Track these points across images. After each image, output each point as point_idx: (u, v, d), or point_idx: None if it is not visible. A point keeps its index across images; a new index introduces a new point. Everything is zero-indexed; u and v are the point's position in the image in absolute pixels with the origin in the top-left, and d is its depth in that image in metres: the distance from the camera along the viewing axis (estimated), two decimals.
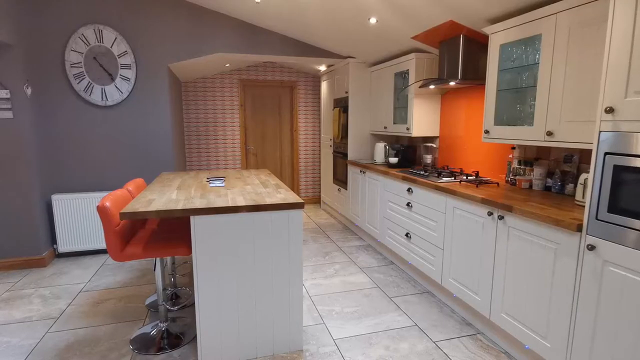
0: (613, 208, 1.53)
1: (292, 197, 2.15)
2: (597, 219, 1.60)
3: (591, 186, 1.62)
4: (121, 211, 1.78)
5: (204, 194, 2.26)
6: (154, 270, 2.19)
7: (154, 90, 3.76)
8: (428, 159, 3.72)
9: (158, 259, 2.19)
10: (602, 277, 1.58)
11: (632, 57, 1.45)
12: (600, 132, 1.59)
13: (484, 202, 2.22)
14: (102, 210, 1.88)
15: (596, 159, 1.60)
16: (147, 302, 2.73)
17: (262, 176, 3.02)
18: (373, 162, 4.17)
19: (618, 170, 1.52)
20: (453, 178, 2.87)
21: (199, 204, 1.97)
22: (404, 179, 3.14)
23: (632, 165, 1.46)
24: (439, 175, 2.97)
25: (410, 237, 3.11)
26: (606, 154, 1.56)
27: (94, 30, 3.49)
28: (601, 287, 1.58)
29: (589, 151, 2.22)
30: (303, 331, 2.40)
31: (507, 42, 2.38)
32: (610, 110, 1.53)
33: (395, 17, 2.94)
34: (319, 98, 5.84)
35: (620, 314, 1.51)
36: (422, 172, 3.15)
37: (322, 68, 5.19)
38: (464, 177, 2.91)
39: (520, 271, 2.01)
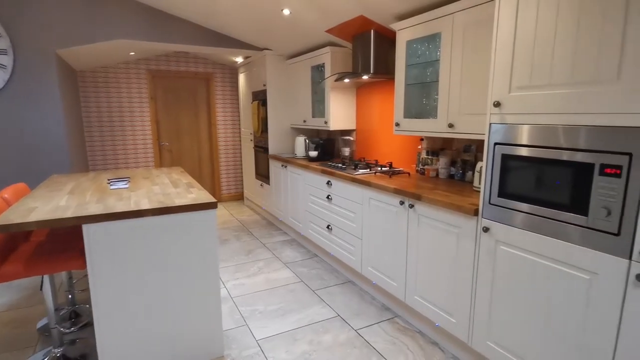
0: (502, 193, 1.70)
1: (205, 197, 2.02)
2: (490, 203, 1.76)
3: (484, 173, 1.78)
4: None
5: (102, 197, 2.01)
6: (41, 289, 1.89)
7: (40, 80, 3.25)
8: (346, 151, 3.80)
9: (46, 276, 1.89)
10: (496, 256, 1.74)
11: (515, 56, 1.61)
12: (490, 124, 1.74)
13: (396, 192, 2.32)
14: None
15: (487, 149, 1.75)
16: (38, 326, 2.37)
17: (173, 175, 2.81)
18: (294, 156, 4.15)
19: (505, 158, 1.68)
20: (369, 170, 2.97)
21: (94, 209, 1.74)
22: (323, 172, 3.17)
23: (516, 153, 1.63)
24: (356, 167, 3.05)
25: (331, 229, 3.16)
26: (496, 144, 1.72)
27: None
28: (495, 265, 1.75)
29: (484, 141, 2.44)
30: (224, 336, 2.29)
31: (413, 39, 2.50)
32: (497, 104, 1.68)
33: (309, 9, 2.92)
34: (237, 91, 5.63)
35: (511, 287, 1.69)
36: (340, 165, 3.20)
37: (239, 60, 5.00)
38: (379, 169, 3.03)
39: (429, 255, 2.15)
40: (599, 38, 1.31)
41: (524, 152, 1.60)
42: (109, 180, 2.57)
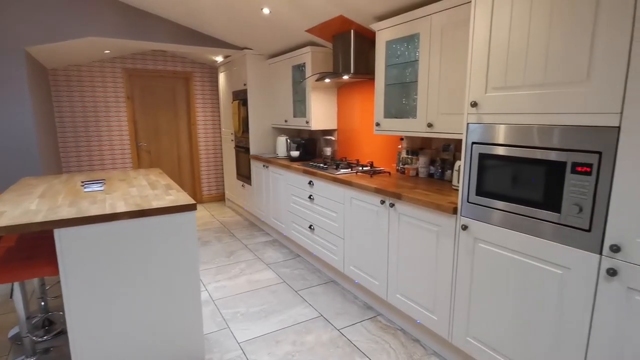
0: (480, 191, 1.73)
1: (183, 199, 1.98)
2: (468, 201, 1.79)
3: (463, 172, 1.81)
4: None
5: (75, 201, 1.95)
6: (11, 297, 1.82)
7: (8, 79, 3.12)
8: (328, 151, 3.81)
9: (16, 284, 1.82)
10: (474, 253, 1.78)
11: (490, 57, 1.64)
12: (468, 123, 1.77)
13: (377, 191, 2.34)
14: None
15: (465, 148, 1.79)
16: (10, 335, 2.28)
17: (151, 176, 2.74)
18: (275, 156, 4.12)
19: (483, 157, 1.71)
20: (350, 169, 2.98)
21: (66, 213, 1.68)
22: (305, 172, 3.16)
23: (493, 153, 1.66)
24: (337, 167, 3.05)
25: (313, 229, 3.16)
26: (473, 143, 1.75)
27: None
28: (474, 262, 1.79)
29: (462, 141, 2.49)
30: (205, 339, 2.25)
31: (392, 39, 2.52)
32: (474, 104, 1.72)
33: (289, 8, 2.90)
34: (218, 90, 5.55)
35: (489, 283, 1.73)
36: (321, 165, 3.20)
37: (219, 59, 4.93)
38: (360, 168, 3.04)
39: (410, 254, 2.17)
40: (569, 41, 1.35)
41: (500, 151, 1.63)
42: (82, 182, 2.48)
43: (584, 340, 1.40)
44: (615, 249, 1.27)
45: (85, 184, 2.39)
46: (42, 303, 2.38)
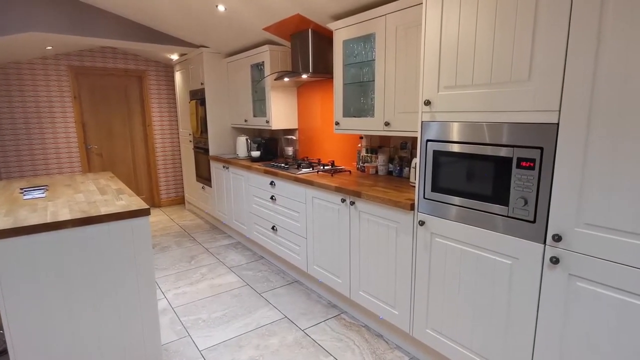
0: (435, 187, 1.78)
1: (136, 204, 1.88)
2: (424, 197, 1.84)
3: (419, 169, 1.85)
4: None
5: (12, 209, 1.79)
6: None
7: None
8: (289, 151, 3.78)
9: None
10: (431, 247, 1.83)
11: (441, 57, 1.69)
12: (422, 121, 1.81)
13: (337, 190, 2.35)
14: None
15: (420, 145, 1.83)
16: None
17: (101, 181, 2.59)
18: (236, 156, 4.04)
19: (437, 154, 1.76)
20: (311, 169, 2.97)
21: (1, 224, 1.54)
22: (266, 172, 3.11)
23: (447, 150, 1.72)
24: (299, 166, 3.04)
25: (276, 229, 3.12)
26: (428, 141, 1.80)
27: None
28: (431, 256, 1.84)
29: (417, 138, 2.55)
30: (164, 350, 2.16)
31: (349, 39, 2.53)
32: (428, 103, 1.76)
33: (244, 6, 2.84)
34: (174, 89, 5.35)
35: (445, 276, 1.79)
36: (283, 165, 3.17)
37: (175, 57, 4.75)
38: (321, 167, 3.05)
39: (371, 250, 2.20)
40: (512, 43, 1.42)
41: (453, 148, 1.69)
42: (22, 189, 2.30)
43: (532, 325, 1.48)
44: (557, 238, 1.35)
45: (25, 191, 2.21)
46: None
